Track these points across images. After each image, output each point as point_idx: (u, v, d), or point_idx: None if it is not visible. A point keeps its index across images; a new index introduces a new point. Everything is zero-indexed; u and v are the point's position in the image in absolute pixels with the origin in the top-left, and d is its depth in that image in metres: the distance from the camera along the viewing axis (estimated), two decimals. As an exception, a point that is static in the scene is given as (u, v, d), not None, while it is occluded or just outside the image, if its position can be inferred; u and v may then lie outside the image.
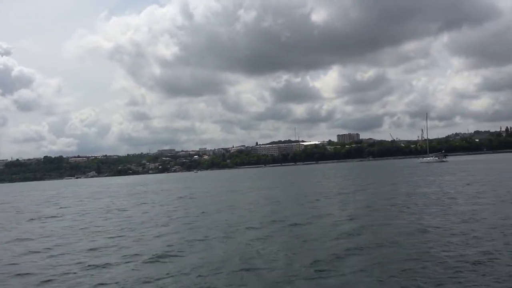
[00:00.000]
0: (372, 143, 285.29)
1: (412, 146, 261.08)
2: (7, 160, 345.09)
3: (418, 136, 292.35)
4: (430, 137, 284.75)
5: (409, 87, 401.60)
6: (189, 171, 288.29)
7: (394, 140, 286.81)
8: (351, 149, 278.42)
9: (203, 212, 28.58)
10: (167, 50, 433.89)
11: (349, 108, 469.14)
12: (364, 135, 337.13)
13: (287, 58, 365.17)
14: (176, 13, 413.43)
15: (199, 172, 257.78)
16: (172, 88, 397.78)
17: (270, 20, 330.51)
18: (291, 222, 21.12)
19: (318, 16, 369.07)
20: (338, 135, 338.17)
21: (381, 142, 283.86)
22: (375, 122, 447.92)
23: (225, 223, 22.31)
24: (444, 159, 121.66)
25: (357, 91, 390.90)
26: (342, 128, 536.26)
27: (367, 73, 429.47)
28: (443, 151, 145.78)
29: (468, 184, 37.94)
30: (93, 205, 42.46)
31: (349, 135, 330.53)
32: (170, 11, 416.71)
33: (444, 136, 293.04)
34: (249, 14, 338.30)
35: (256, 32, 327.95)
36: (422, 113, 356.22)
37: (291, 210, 26.47)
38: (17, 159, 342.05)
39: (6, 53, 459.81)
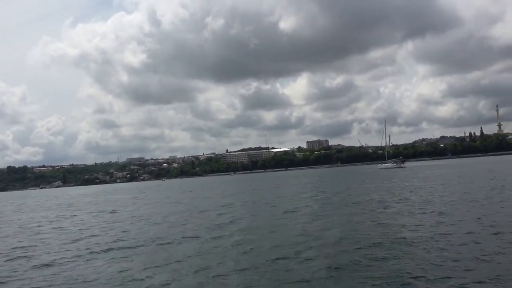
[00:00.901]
0: (341, 149, 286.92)
1: (380, 151, 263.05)
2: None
3: (386, 142, 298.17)
4: (398, 143, 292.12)
5: (376, 94, 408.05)
6: (158, 179, 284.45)
7: (362, 146, 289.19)
8: (320, 155, 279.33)
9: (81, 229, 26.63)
10: (135, 57, 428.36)
11: (318, 115, 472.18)
12: (333, 141, 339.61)
13: (256, 66, 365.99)
14: (143, 20, 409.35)
15: (166, 180, 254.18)
16: (140, 96, 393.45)
17: (238, 28, 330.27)
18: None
19: (286, 23, 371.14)
20: (307, 142, 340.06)
21: (350, 148, 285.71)
22: (344, 128, 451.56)
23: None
24: (402, 165, 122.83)
25: (326, 97, 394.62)
26: (312, 135, 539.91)
27: (335, 80, 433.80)
28: (401, 157, 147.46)
29: (411, 191, 37.17)
30: None
31: (319, 141, 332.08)
32: (138, 18, 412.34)
33: (411, 142, 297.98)
34: (217, 21, 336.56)
35: (224, 39, 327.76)
36: (390, 119, 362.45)
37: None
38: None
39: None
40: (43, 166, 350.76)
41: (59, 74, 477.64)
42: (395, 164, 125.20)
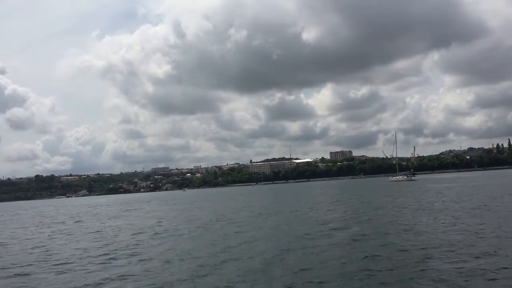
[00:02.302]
0: (364, 161, 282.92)
1: (403, 163, 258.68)
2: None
3: (411, 153, 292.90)
4: (425, 154, 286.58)
5: (402, 105, 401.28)
6: (181, 189, 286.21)
7: (387, 157, 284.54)
8: (343, 166, 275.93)
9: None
10: (160, 68, 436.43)
11: (343, 126, 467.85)
12: (358, 152, 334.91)
13: (279, 76, 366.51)
14: (168, 32, 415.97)
15: (188, 190, 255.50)
16: (165, 106, 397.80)
17: (261, 39, 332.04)
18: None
19: (309, 34, 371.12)
20: (330, 152, 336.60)
21: (373, 160, 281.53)
22: (369, 139, 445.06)
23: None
24: (413, 178, 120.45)
25: (350, 108, 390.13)
26: (337, 146, 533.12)
27: (360, 90, 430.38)
28: (412, 170, 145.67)
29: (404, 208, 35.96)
30: None
31: (342, 152, 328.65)
32: (163, 30, 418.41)
33: (438, 153, 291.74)
34: (240, 33, 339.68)
35: (247, 50, 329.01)
36: (416, 130, 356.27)
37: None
38: (9, 178, 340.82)
39: (1, 71, 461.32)
40: (70, 175, 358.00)
41: (86, 85, 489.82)
42: (405, 177, 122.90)
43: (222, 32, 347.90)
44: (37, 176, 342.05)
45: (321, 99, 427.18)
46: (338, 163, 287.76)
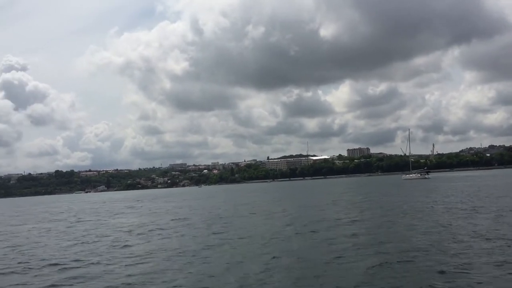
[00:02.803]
0: (382, 158, 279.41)
1: (422, 161, 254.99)
2: (20, 174, 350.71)
3: (430, 151, 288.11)
4: (445, 151, 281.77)
5: (421, 101, 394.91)
6: (197, 185, 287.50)
7: (405, 154, 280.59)
8: (360, 164, 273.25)
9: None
10: (177, 65, 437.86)
11: (361, 122, 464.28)
12: (376, 150, 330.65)
13: (296, 73, 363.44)
14: (186, 29, 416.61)
15: (204, 186, 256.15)
16: (182, 103, 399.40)
17: (278, 35, 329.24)
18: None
19: (327, 31, 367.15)
20: (348, 150, 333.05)
21: (390, 157, 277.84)
22: (387, 137, 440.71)
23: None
24: (426, 176, 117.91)
25: (369, 105, 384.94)
26: (354, 143, 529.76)
27: (378, 87, 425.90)
28: (425, 167, 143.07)
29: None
30: None
31: (360, 149, 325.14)
32: (180, 27, 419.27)
33: (458, 151, 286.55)
34: (257, 29, 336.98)
35: (265, 47, 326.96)
36: (435, 128, 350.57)
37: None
38: (30, 173, 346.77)
39: (23, 68, 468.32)
40: (89, 170, 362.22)
41: (105, 82, 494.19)
42: (419, 175, 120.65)
43: (240, 29, 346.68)
44: (57, 171, 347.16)
45: (339, 95, 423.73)
46: (355, 160, 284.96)
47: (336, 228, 23.03)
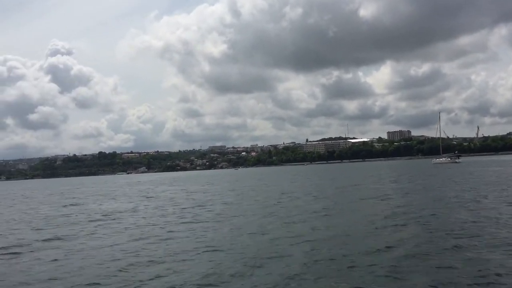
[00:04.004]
0: (422, 141, 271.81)
1: (465, 144, 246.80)
2: (66, 155, 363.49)
3: (475, 133, 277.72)
4: (491, 134, 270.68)
5: (467, 82, 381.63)
6: (235, 168, 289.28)
7: (448, 137, 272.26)
8: (400, 147, 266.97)
9: None
10: (216, 48, 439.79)
11: (402, 104, 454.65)
12: (418, 132, 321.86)
13: (336, 54, 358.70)
14: (224, 12, 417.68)
15: (240, 169, 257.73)
16: (221, 85, 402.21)
17: (317, 16, 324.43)
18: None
19: (367, 11, 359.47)
20: (388, 132, 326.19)
21: (432, 140, 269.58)
22: (430, 119, 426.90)
23: None
24: (456, 160, 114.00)
25: (411, 86, 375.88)
26: (396, 125, 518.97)
27: (421, 68, 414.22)
28: (456, 151, 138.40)
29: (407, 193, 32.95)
30: None
31: (400, 132, 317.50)
32: (219, 10, 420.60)
33: (505, 133, 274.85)
34: (295, 10, 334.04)
35: (303, 28, 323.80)
36: (481, 109, 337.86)
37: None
38: (74, 155, 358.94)
39: (68, 52, 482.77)
40: (131, 152, 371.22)
41: (146, 65, 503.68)
42: (449, 159, 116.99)
43: (277, 11, 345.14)
44: (100, 153, 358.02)
45: (379, 77, 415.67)
46: (395, 143, 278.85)
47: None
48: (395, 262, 11.62)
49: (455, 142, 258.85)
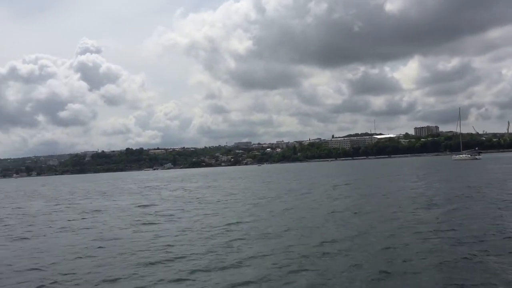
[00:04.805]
0: (450, 137, 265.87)
1: (494, 140, 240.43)
2: (95, 151, 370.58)
3: (506, 129, 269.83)
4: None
5: (497, 77, 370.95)
6: (258, 164, 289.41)
7: (477, 133, 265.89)
8: (427, 143, 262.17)
9: None
10: (241, 44, 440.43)
11: (431, 100, 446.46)
12: (447, 128, 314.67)
13: (361, 49, 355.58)
14: (249, 8, 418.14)
15: (264, 165, 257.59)
16: (247, 82, 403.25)
17: (342, 11, 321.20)
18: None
19: (393, 5, 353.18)
20: (415, 128, 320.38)
21: (460, 136, 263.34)
22: (460, 114, 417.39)
23: None
24: (477, 157, 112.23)
25: (439, 81, 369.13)
26: (424, 121, 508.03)
27: (449, 62, 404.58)
28: (477, 148, 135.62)
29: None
30: None
31: (427, 127, 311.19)
32: (244, 6, 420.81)
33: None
34: (320, 6, 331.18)
35: (328, 23, 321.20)
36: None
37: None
38: (103, 151, 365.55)
39: (97, 51, 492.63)
40: (157, 148, 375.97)
41: (172, 62, 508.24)
42: (469, 155, 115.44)
43: (302, 6, 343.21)
44: (127, 149, 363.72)
45: (407, 72, 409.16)
46: (422, 139, 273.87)
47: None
48: None
49: (484, 138, 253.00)
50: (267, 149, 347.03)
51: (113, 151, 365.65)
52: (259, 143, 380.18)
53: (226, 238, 16.14)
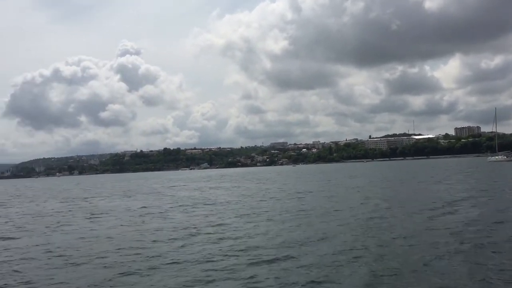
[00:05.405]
0: (492, 137, 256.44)
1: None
2: (134, 151, 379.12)
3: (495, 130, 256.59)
4: None
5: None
6: (293, 164, 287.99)
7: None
8: (467, 143, 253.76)
9: None
10: (277, 44, 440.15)
11: (473, 99, 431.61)
12: (489, 128, 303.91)
13: (399, 48, 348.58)
14: (285, 8, 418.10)
15: (299, 165, 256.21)
16: (283, 82, 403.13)
17: (378, 10, 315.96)
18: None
19: (433, 2, 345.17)
20: (455, 128, 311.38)
21: (503, 136, 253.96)
22: (503, 114, 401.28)
23: None
24: None
25: (482, 80, 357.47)
26: (465, 121, 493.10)
27: (493, 60, 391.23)
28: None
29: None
30: None
31: (468, 128, 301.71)
32: (280, 6, 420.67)
33: None
34: (357, 4, 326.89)
35: (365, 22, 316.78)
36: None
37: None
38: (141, 151, 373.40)
39: (137, 52, 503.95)
40: (194, 148, 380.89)
41: (208, 63, 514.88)
42: (505, 157, 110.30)
43: (338, 5, 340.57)
44: (165, 149, 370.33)
45: (447, 71, 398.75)
46: (462, 140, 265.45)
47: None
48: None
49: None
50: (303, 150, 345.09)
51: (151, 151, 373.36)
52: (295, 144, 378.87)
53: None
